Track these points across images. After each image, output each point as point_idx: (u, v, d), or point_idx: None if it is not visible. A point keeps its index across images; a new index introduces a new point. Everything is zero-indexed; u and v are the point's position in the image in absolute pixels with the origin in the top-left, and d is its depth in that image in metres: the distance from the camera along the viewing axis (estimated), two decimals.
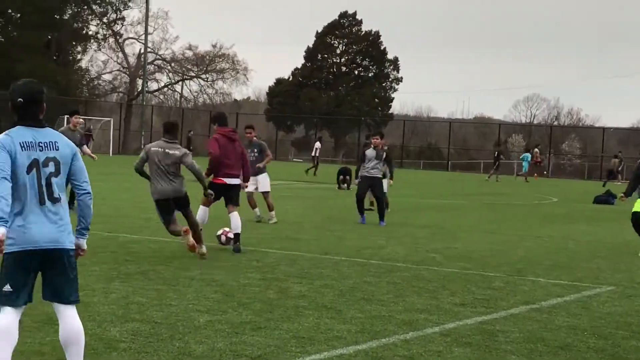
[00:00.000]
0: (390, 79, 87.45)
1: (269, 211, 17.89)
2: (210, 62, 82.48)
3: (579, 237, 18.05)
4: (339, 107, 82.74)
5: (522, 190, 39.36)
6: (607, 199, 30.88)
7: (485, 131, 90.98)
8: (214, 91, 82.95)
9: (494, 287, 10.84)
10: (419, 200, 28.04)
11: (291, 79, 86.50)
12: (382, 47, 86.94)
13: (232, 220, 13.16)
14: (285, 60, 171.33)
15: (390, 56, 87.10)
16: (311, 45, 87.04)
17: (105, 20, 75.97)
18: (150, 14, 72.01)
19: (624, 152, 57.38)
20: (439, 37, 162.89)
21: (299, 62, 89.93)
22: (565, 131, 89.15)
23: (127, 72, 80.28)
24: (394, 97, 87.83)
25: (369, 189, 18.65)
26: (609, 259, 14.44)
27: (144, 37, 72.78)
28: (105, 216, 16.98)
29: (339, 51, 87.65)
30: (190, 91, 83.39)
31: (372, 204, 20.55)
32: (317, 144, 49.11)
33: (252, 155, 17.94)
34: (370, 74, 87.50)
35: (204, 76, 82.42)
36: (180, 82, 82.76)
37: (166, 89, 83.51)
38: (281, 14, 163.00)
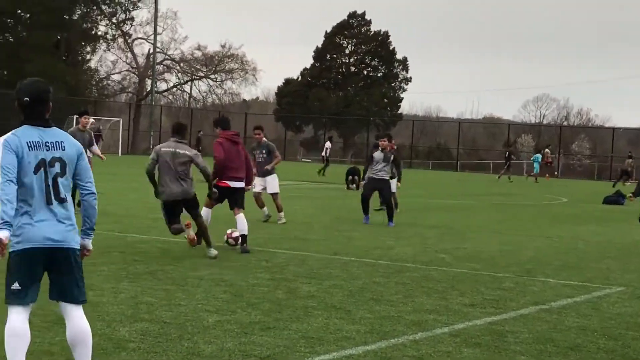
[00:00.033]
0: (399, 79, 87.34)
1: (277, 212, 17.88)
2: (219, 63, 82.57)
3: (589, 238, 18.00)
4: (348, 107, 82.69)
5: (532, 190, 39.28)
6: (616, 199, 30.79)
7: (494, 131, 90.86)
8: (223, 91, 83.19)
9: (503, 288, 10.82)
10: (428, 200, 28.00)
11: (300, 79, 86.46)
12: (391, 47, 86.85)
13: (238, 222, 13.17)
14: (294, 60, 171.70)
15: (399, 56, 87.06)
16: (320, 45, 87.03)
17: (114, 20, 76.17)
18: (159, 14, 72.18)
19: (634, 153, 57.17)
20: (448, 37, 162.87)
21: (308, 62, 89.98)
22: (574, 131, 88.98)
23: (136, 73, 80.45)
24: (403, 97, 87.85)
25: (374, 190, 18.58)
26: (619, 260, 14.39)
27: (153, 37, 72.92)
28: (113, 216, 17.02)
29: (348, 51, 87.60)
30: (199, 91, 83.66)
31: (382, 204, 20.51)
32: (328, 144, 49.07)
33: (261, 156, 17.92)
34: (379, 74, 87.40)
35: (212, 76, 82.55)
36: (189, 83, 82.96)
37: (175, 89, 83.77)
38: (290, 14, 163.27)
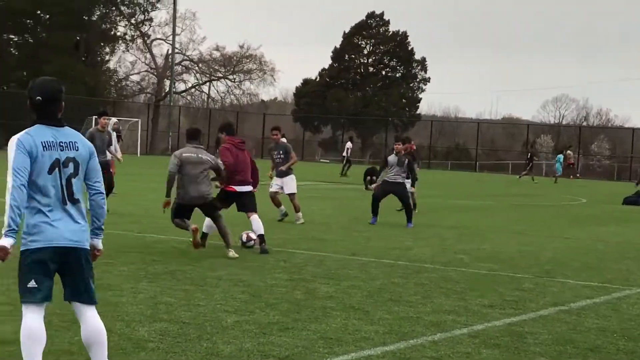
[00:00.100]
0: (417, 80, 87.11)
1: (295, 212, 17.89)
2: (237, 63, 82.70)
3: (608, 238, 17.91)
4: (366, 108, 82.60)
5: (551, 191, 39.13)
6: (636, 200, 30.62)
7: (513, 132, 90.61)
8: (241, 92, 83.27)
9: (522, 289, 10.78)
10: (447, 201, 27.93)
11: (318, 80, 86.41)
12: (410, 48, 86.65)
13: (252, 223, 13.20)
14: (312, 60, 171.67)
15: (417, 56, 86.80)
16: (338, 45, 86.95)
17: (133, 21, 76.40)
18: (177, 15, 72.40)
19: None
20: (467, 37, 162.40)
21: (326, 62, 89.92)
22: (594, 132, 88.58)
23: (155, 73, 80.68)
24: (421, 98, 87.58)
25: (388, 193, 18.43)
26: (639, 261, 14.31)
27: (171, 38, 73.05)
28: (132, 216, 17.08)
29: (366, 51, 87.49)
30: (217, 92, 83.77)
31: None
32: (349, 144, 48.94)
33: (278, 157, 18.00)
34: (397, 75, 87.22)
35: (231, 77, 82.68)
36: (207, 83, 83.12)
37: (193, 90, 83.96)
38: (308, 14, 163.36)
